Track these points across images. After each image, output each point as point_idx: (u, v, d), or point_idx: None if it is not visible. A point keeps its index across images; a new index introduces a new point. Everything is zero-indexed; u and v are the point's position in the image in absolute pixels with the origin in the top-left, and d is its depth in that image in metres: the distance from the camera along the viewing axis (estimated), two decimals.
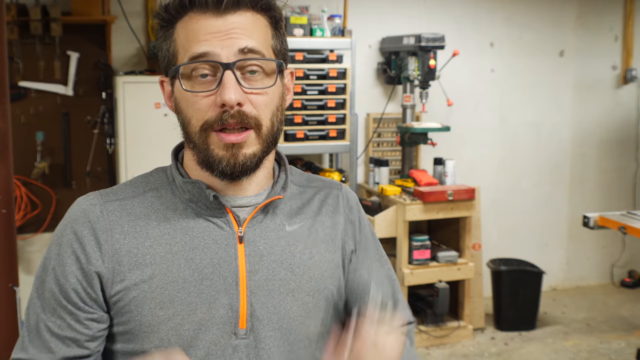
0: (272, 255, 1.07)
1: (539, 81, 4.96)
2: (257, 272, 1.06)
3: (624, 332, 4.36)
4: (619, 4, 5.09)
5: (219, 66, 0.99)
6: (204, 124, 1.01)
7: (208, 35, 1.00)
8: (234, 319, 1.03)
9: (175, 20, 1.04)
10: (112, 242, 1.03)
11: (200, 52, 1.00)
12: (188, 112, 1.03)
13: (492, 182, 4.92)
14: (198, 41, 1.00)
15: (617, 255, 5.25)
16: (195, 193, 1.06)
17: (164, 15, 1.04)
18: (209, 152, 1.02)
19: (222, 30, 1.00)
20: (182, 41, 1.02)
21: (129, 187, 1.11)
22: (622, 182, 5.27)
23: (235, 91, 0.99)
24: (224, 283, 1.04)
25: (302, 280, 1.08)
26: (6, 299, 2.55)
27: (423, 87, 4.09)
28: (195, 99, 1.01)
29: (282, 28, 1.09)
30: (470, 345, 4.16)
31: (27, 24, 3.71)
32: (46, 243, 3.96)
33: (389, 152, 4.61)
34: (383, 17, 4.52)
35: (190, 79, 1.02)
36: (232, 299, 1.04)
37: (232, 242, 1.06)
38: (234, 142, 1.01)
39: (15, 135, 3.08)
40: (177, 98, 1.05)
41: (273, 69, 1.05)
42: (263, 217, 1.09)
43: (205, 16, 1.01)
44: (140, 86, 3.69)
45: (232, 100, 0.98)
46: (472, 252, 4.22)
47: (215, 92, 1.00)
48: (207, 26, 1.00)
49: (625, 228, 3.35)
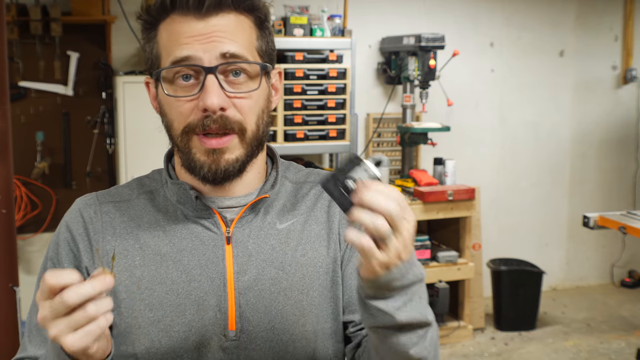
0: (261, 254, 1.06)
1: (538, 81, 4.96)
2: (246, 273, 1.05)
3: (624, 332, 4.36)
4: (619, 4, 5.09)
5: (201, 70, 0.98)
6: (186, 127, 1.00)
7: (189, 39, 0.98)
8: (222, 320, 1.03)
9: (157, 22, 1.03)
10: (104, 244, 1.05)
11: (182, 56, 0.98)
12: (171, 115, 1.02)
13: (492, 182, 4.92)
14: (179, 44, 0.98)
15: (617, 255, 5.25)
16: (181, 195, 1.07)
17: (146, 17, 1.04)
18: (191, 156, 1.02)
19: (203, 34, 0.98)
20: (165, 44, 1.01)
21: (126, 189, 1.12)
22: (622, 182, 5.27)
23: (217, 96, 0.97)
24: (211, 285, 1.03)
25: (294, 278, 1.06)
26: (6, 299, 2.55)
27: (423, 87, 4.09)
28: (178, 102, 1.00)
29: (268, 28, 1.07)
30: (470, 345, 4.16)
31: (27, 24, 3.70)
32: (46, 243, 3.97)
33: (389, 152, 4.61)
34: (383, 17, 4.52)
35: (173, 83, 1.01)
36: (220, 301, 1.03)
37: (220, 243, 1.05)
38: (215, 147, 1.00)
39: (15, 135, 3.08)
40: (161, 101, 1.04)
41: (257, 71, 1.02)
42: (253, 217, 1.08)
43: (187, 18, 0.99)
44: (140, 86, 3.66)
45: (214, 105, 0.97)
46: (472, 252, 4.23)
47: (197, 96, 0.98)
48: (189, 29, 0.98)
49: (625, 228, 3.35)
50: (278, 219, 1.09)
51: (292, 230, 1.09)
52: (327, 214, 1.12)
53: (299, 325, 1.06)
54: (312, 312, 1.07)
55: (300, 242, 1.08)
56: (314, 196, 1.13)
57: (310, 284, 1.07)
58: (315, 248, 1.09)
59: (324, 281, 1.09)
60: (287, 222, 1.09)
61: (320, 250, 1.10)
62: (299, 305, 1.06)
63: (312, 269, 1.08)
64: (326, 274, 1.09)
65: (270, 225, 1.08)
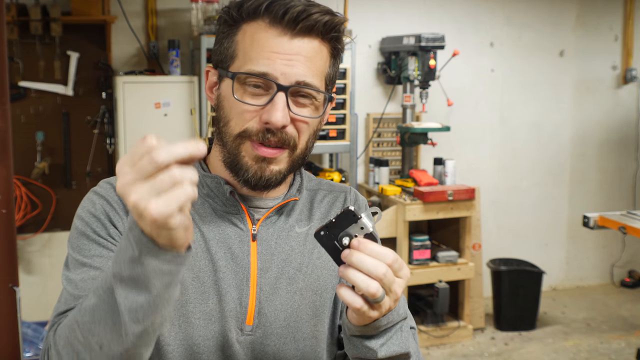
0: (282, 254, 1.10)
1: (539, 81, 4.96)
2: (268, 270, 1.08)
3: (624, 332, 4.36)
4: (619, 4, 5.09)
5: (274, 85, 0.99)
6: (243, 132, 1.02)
7: (273, 55, 0.99)
8: (241, 314, 1.05)
9: (242, 21, 1.03)
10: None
11: (261, 71, 0.99)
12: (230, 114, 1.03)
13: (492, 182, 4.92)
14: (262, 58, 0.99)
15: (617, 255, 5.26)
16: (213, 188, 1.08)
17: (234, 13, 1.03)
18: (239, 158, 1.03)
19: (287, 53, 0.99)
20: (246, 48, 1.01)
21: None
22: (622, 182, 5.27)
23: (283, 115, 0.99)
24: (235, 278, 1.06)
25: (310, 279, 1.11)
26: (6, 299, 2.55)
27: (423, 87, 4.09)
28: (243, 106, 1.01)
29: (341, 58, 1.09)
30: (470, 345, 4.16)
31: (27, 24, 3.71)
32: (46, 243, 3.97)
33: (389, 152, 4.61)
34: (383, 17, 4.52)
35: (242, 85, 1.01)
36: (242, 295, 1.06)
37: (246, 240, 1.08)
38: (267, 156, 1.02)
39: (15, 135, 3.08)
40: (222, 96, 1.05)
41: (322, 100, 1.05)
42: (277, 218, 1.11)
43: (275, 31, 1.00)
44: (140, 86, 3.70)
45: (279, 123, 0.99)
46: (472, 252, 4.23)
47: (263, 108, 1.00)
48: (275, 44, 0.99)
49: (625, 228, 3.35)
50: (297, 223, 1.13)
51: (309, 235, 1.13)
52: None
53: (310, 325, 1.10)
54: (324, 312, 1.12)
55: (315, 246, 1.12)
56: (327, 204, 1.18)
57: (324, 286, 1.12)
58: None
59: (335, 285, 1.14)
60: (304, 226, 1.14)
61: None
62: (312, 306, 1.10)
63: (325, 272, 1.13)
64: (335, 278, 1.14)
65: (290, 227, 1.12)
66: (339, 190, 1.22)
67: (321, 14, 1.00)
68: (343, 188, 1.23)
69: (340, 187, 1.23)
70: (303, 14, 0.98)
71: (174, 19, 4.12)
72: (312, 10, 0.99)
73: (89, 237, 1.02)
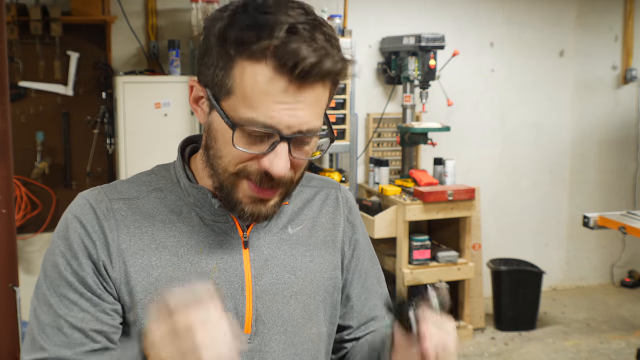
0: (275, 259, 1.08)
1: (538, 81, 4.96)
2: (262, 277, 1.06)
3: (624, 332, 4.36)
4: (619, 4, 5.09)
5: (277, 135, 0.93)
6: (240, 172, 0.97)
7: (277, 106, 0.90)
8: (238, 324, 1.03)
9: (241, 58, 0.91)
10: (119, 242, 1.01)
11: (265, 123, 0.91)
12: (224, 150, 0.96)
13: (492, 182, 4.92)
14: (265, 108, 0.91)
15: (617, 255, 5.26)
16: (200, 199, 1.05)
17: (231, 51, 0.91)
18: (233, 193, 0.99)
19: (291, 103, 0.91)
20: (245, 90, 0.91)
21: (133, 186, 1.07)
22: (622, 182, 5.27)
23: (285, 165, 0.94)
24: (229, 288, 1.04)
25: (304, 282, 1.09)
26: (6, 299, 2.55)
27: (423, 87, 4.09)
28: (243, 153, 0.95)
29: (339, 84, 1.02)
30: (470, 345, 4.16)
31: (27, 24, 3.71)
32: (46, 243, 3.96)
33: (389, 152, 4.61)
34: (383, 17, 4.52)
35: (241, 130, 0.93)
36: (238, 304, 1.04)
37: (237, 248, 1.05)
38: (264, 197, 0.98)
39: (15, 135, 3.08)
40: (215, 128, 0.97)
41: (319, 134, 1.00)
42: (267, 222, 1.08)
43: (282, 81, 0.90)
44: (140, 86, 3.69)
45: (281, 173, 0.94)
46: (472, 252, 4.23)
47: (264, 155, 0.94)
48: (280, 94, 0.90)
49: (625, 228, 3.35)
50: (289, 224, 1.11)
51: (301, 236, 1.11)
52: (332, 222, 1.16)
53: (307, 328, 1.09)
54: (318, 315, 1.11)
55: (308, 248, 1.11)
56: (319, 201, 1.16)
57: (317, 289, 1.11)
58: (321, 254, 1.13)
59: (327, 286, 1.13)
60: (296, 227, 1.11)
61: (325, 257, 1.13)
62: (308, 309, 1.09)
63: (319, 274, 1.12)
64: (329, 279, 1.13)
65: (282, 230, 1.10)
66: (329, 187, 1.19)
67: (333, 62, 0.91)
68: (332, 184, 1.20)
69: (329, 183, 1.20)
70: (316, 68, 0.89)
71: (174, 19, 4.12)
72: (325, 61, 0.90)
73: (67, 279, 0.99)
